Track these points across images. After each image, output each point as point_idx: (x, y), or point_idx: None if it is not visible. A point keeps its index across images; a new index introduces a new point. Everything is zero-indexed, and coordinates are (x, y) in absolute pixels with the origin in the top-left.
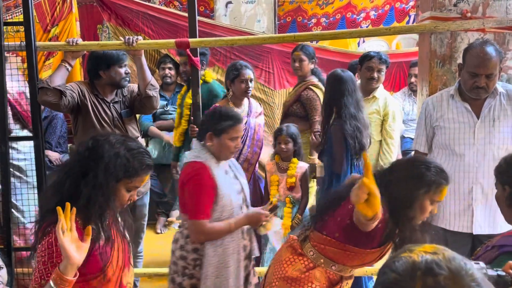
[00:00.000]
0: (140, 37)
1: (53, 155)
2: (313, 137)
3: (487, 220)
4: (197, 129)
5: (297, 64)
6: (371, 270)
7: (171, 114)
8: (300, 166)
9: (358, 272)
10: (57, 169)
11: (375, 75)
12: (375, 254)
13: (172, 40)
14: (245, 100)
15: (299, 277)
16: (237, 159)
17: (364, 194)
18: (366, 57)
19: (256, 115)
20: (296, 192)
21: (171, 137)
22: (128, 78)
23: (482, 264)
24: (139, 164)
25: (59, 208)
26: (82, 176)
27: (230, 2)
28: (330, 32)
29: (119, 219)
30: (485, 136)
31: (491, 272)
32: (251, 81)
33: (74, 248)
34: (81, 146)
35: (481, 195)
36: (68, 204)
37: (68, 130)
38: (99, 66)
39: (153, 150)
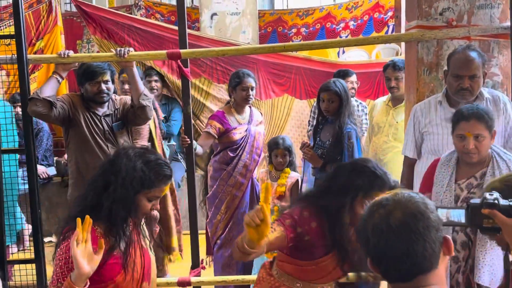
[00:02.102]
0: (131, 49)
1: (39, 169)
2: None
3: None
4: (188, 140)
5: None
6: None
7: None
8: (291, 176)
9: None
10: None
11: (393, 83)
12: (326, 265)
13: (164, 52)
14: (247, 108)
15: None
16: (236, 164)
17: (258, 219)
18: (383, 68)
19: (257, 124)
20: (285, 202)
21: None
22: (105, 95)
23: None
24: (156, 175)
25: (78, 220)
26: (104, 189)
27: (215, 14)
28: (318, 42)
29: (144, 228)
30: None
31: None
32: (252, 89)
33: (86, 260)
34: (107, 159)
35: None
36: (87, 217)
37: (54, 143)
38: (78, 81)
39: None
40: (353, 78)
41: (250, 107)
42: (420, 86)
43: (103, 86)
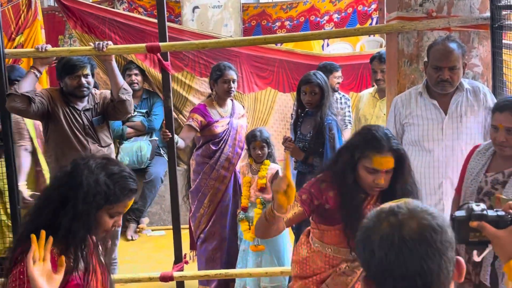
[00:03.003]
0: (110, 42)
1: None
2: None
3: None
4: (169, 134)
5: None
6: None
7: (138, 117)
8: (271, 168)
9: None
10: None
11: (379, 76)
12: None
13: (143, 45)
14: (229, 101)
15: (301, 260)
16: (219, 158)
17: (284, 185)
18: (370, 60)
19: (239, 117)
20: (267, 194)
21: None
22: (85, 88)
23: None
24: (121, 190)
25: (33, 236)
26: (61, 205)
27: (197, 7)
28: (299, 34)
29: (99, 245)
30: (453, 132)
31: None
32: (233, 81)
33: (44, 280)
34: (61, 170)
35: (451, 189)
36: (43, 232)
37: None
38: (58, 75)
39: (125, 157)
40: (339, 73)
41: (232, 100)
42: (401, 78)
43: (83, 80)
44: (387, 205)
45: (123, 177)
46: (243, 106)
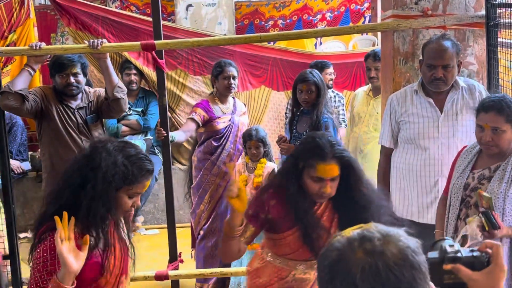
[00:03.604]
0: (104, 40)
1: (14, 164)
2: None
3: None
4: (164, 132)
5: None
6: None
7: (134, 116)
8: (267, 166)
9: None
10: (58, 176)
11: (373, 73)
12: (292, 239)
13: (138, 43)
14: (230, 98)
15: (252, 272)
16: (220, 154)
17: (236, 189)
18: (364, 58)
19: (241, 114)
20: None
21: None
22: (74, 87)
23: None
24: (138, 170)
25: (57, 218)
26: (81, 186)
27: (191, 5)
28: (294, 32)
29: (122, 224)
30: (448, 130)
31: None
32: (234, 78)
33: (72, 256)
34: (80, 153)
35: None
36: (65, 213)
37: (28, 137)
38: (50, 73)
39: None
40: (330, 69)
41: (233, 97)
42: (396, 76)
43: (72, 79)
44: (352, 232)
45: (140, 158)
46: (245, 104)
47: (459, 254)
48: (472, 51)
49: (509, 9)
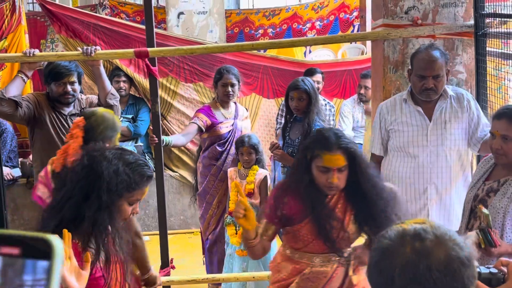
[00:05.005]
0: (98, 47)
1: (4, 170)
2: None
3: (442, 219)
4: (156, 139)
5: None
6: None
7: (124, 123)
8: (259, 173)
9: None
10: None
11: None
12: (304, 232)
13: (131, 50)
14: (232, 104)
15: (275, 267)
16: (225, 159)
17: (242, 210)
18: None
19: (243, 119)
20: (255, 199)
21: None
22: (70, 96)
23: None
24: (140, 177)
25: (65, 231)
26: (84, 198)
27: (182, 13)
28: (286, 40)
29: (117, 235)
30: (437, 138)
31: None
32: (232, 85)
33: (74, 277)
34: (77, 164)
35: (436, 194)
36: (65, 231)
37: (18, 144)
38: (45, 80)
39: None
40: (317, 77)
41: (235, 103)
42: (387, 84)
43: (69, 88)
44: (411, 226)
45: (140, 165)
46: (246, 109)
47: (477, 270)
48: (461, 60)
49: (497, 19)
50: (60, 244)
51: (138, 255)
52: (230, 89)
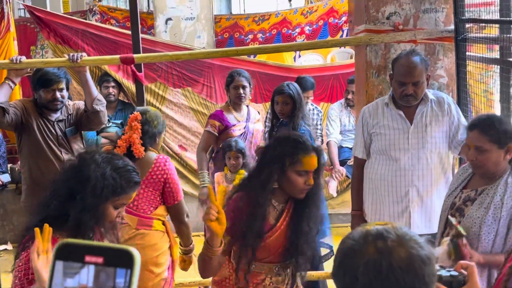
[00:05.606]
0: (84, 54)
1: None
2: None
3: (423, 221)
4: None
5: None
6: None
7: (113, 128)
8: None
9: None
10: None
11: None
12: (273, 240)
13: (117, 56)
14: (244, 107)
15: (222, 281)
16: None
17: (215, 212)
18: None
19: (255, 121)
20: None
21: None
22: (59, 102)
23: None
24: (127, 182)
25: (37, 230)
26: (69, 197)
27: (170, 19)
28: (271, 46)
29: (107, 236)
30: (418, 141)
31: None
32: (244, 87)
33: (47, 271)
34: (67, 164)
35: (417, 197)
36: (46, 225)
37: (8, 150)
38: (33, 87)
39: None
40: (309, 93)
41: (247, 106)
42: (369, 88)
43: (58, 94)
44: (373, 227)
45: (127, 170)
46: (258, 112)
47: (439, 273)
48: (442, 65)
49: (477, 24)
50: (139, 255)
51: (184, 231)
52: (241, 91)
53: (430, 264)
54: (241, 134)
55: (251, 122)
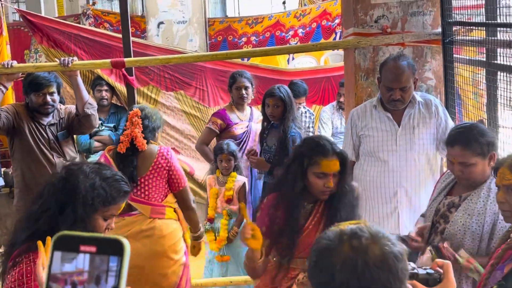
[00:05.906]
0: (75, 58)
1: None
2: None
3: (412, 221)
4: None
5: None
6: None
7: (106, 131)
8: (238, 180)
9: None
10: (29, 200)
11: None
12: (305, 235)
13: (108, 60)
14: (247, 107)
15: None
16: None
17: (250, 230)
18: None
19: (257, 121)
20: (234, 205)
21: None
22: (50, 106)
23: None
24: (117, 192)
25: (39, 243)
26: (59, 211)
27: (162, 23)
28: (260, 49)
29: None
30: (406, 143)
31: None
32: (246, 88)
33: None
34: (55, 177)
35: (405, 198)
36: (49, 238)
37: (1, 154)
38: (24, 91)
39: None
40: (302, 99)
41: (250, 106)
42: (358, 91)
43: (48, 98)
44: (347, 226)
45: (116, 180)
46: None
47: (415, 271)
48: (430, 67)
49: (463, 27)
50: (128, 243)
51: (192, 217)
52: (244, 92)
53: (403, 260)
54: (244, 133)
55: (254, 122)
